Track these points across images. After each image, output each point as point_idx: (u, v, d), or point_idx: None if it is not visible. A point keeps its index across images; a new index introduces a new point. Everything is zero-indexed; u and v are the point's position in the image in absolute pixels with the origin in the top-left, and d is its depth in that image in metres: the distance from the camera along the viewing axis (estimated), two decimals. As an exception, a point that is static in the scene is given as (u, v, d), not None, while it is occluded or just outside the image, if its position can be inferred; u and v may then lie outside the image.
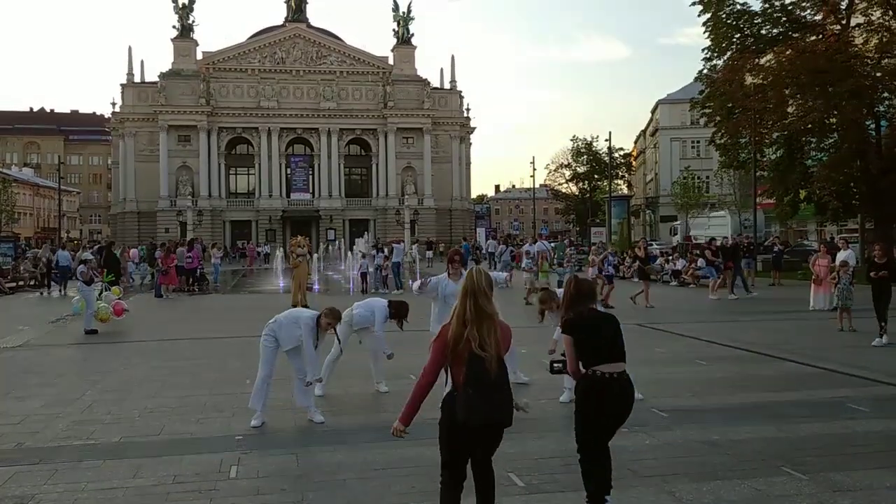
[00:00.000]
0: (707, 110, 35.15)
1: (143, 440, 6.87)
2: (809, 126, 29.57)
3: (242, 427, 7.23)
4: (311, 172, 73.02)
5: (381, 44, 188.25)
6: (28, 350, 13.12)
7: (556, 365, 4.77)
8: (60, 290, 25.45)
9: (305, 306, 19.27)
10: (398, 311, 8.43)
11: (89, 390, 9.16)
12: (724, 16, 31.85)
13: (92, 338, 14.29)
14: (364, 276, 24.89)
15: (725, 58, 32.66)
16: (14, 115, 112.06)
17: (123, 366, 11.06)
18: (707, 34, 32.89)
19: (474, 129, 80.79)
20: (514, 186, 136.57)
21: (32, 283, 29.92)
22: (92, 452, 6.49)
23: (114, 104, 71.52)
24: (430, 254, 44.69)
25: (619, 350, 4.64)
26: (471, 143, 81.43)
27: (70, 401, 8.57)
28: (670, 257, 31.34)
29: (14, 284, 28.55)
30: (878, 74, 28.69)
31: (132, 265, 30.23)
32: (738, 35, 32.41)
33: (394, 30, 74.65)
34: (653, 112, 79.47)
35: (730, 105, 32.18)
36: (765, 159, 35.31)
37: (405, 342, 9.38)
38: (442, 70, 78.26)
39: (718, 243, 25.23)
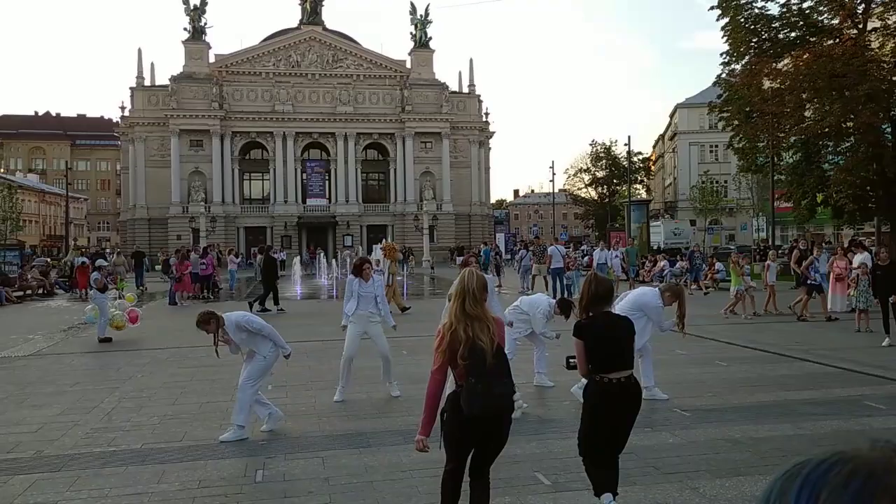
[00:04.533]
0: (725, 114, 36.16)
1: (166, 446, 7.02)
2: (826, 130, 30.24)
3: (267, 431, 7.36)
4: (327, 178, 73.42)
5: (398, 47, 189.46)
6: (41, 358, 13.36)
7: (571, 360, 4.95)
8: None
9: (405, 309, 19.40)
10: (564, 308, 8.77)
11: (107, 398, 9.34)
12: (742, 20, 32.73)
13: (107, 346, 14.52)
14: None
15: (743, 62, 33.61)
16: (18, 120, 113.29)
17: (140, 373, 11.26)
18: (725, 38, 33.72)
19: (493, 133, 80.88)
20: (532, 191, 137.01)
21: (41, 291, 30.38)
22: (114, 459, 6.65)
23: (123, 108, 72.25)
24: (460, 259, 44.75)
25: (629, 357, 4.78)
26: (490, 148, 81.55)
27: (88, 408, 8.75)
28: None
29: (21, 293, 28.97)
30: (895, 79, 29.32)
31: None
32: (756, 39, 33.34)
33: (411, 33, 75.03)
34: (671, 116, 79.87)
35: (748, 109, 33.19)
36: (782, 163, 36.46)
37: (425, 348, 9.46)
38: (460, 73, 78.55)
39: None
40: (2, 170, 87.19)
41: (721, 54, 34.58)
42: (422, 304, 22.72)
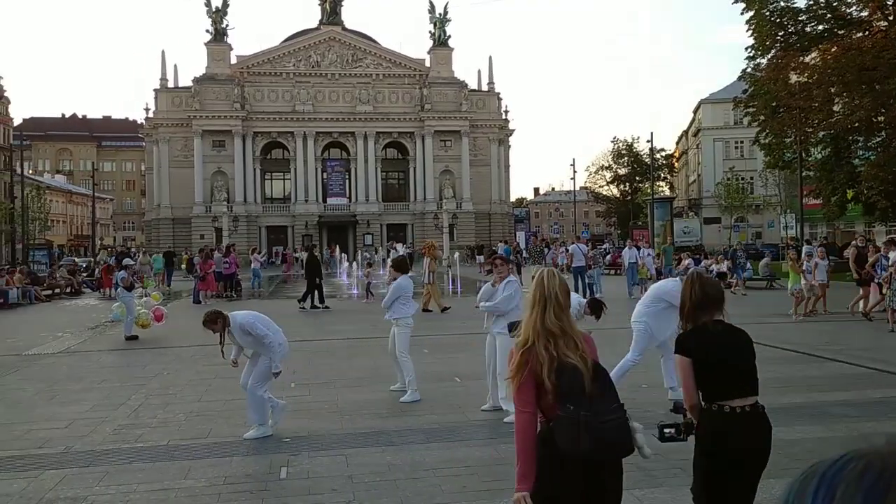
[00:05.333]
0: (751, 109, 35.50)
1: (191, 443, 7.09)
2: (856, 124, 29.67)
3: (290, 429, 7.40)
4: (347, 177, 73.67)
5: (417, 46, 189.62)
6: (70, 356, 13.54)
7: (666, 431, 3.64)
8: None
9: (445, 309, 19.42)
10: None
11: (134, 395, 9.44)
12: (767, 13, 32.14)
13: (133, 343, 14.68)
14: (369, 284, 24.84)
15: (769, 56, 32.99)
16: (46, 122, 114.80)
17: (166, 370, 11.37)
18: (750, 32, 33.12)
19: (513, 131, 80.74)
20: (553, 189, 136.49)
21: (69, 290, 30.77)
22: (141, 455, 6.73)
23: (147, 109, 72.98)
24: (481, 258, 44.68)
25: (752, 378, 3.69)
26: (509, 146, 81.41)
27: (115, 405, 8.85)
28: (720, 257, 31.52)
29: (50, 292, 29.37)
30: None
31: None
32: (782, 33, 32.71)
33: (430, 31, 75.06)
34: (695, 112, 78.95)
35: (774, 104, 32.52)
36: (810, 159, 35.62)
37: (445, 346, 9.46)
38: (479, 71, 78.41)
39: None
40: (30, 171, 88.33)
41: (746, 48, 34.15)
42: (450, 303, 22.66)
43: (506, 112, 78.77)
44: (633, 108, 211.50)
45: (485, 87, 77.05)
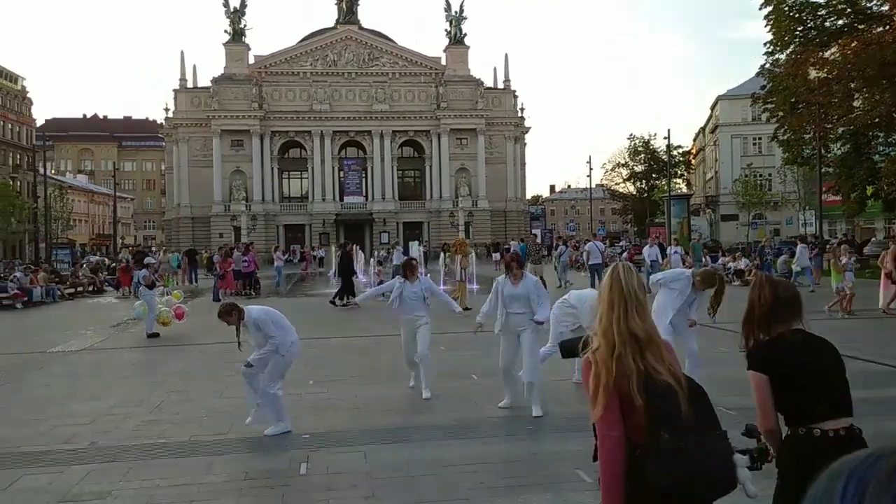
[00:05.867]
0: (769, 105, 35.24)
1: (213, 438, 7.16)
2: (877, 120, 29.38)
3: (310, 425, 7.46)
4: (364, 175, 73.89)
5: (433, 44, 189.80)
6: (92, 353, 13.71)
7: (754, 460, 2.87)
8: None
9: (466, 309, 19.37)
10: None
11: (156, 391, 9.55)
12: (786, 8, 31.88)
13: (154, 341, 14.82)
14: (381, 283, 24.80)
15: (788, 51, 32.74)
16: (68, 123, 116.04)
17: (187, 367, 11.48)
18: (769, 27, 32.83)
19: (529, 128, 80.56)
20: (569, 186, 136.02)
21: (91, 288, 31.10)
22: (163, 451, 6.81)
23: (167, 110, 73.50)
24: (496, 256, 44.67)
25: (845, 396, 3.15)
26: (525, 144, 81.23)
27: (138, 401, 8.96)
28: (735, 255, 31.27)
29: (73, 290, 29.71)
30: None
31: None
32: (801, 28, 32.43)
33: (446, 30, 75.01)
34: (712, 108, 78.24)
35: (793, 100, 32.29)
36: (830, 155, 35.35)
37: (462, 344, 9.48)
38: (495, 69, 78.27)
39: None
40: (53, 171, 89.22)
41: (765, 44, 33.92)
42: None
43: (522, 109, 78.60)
44: (649, 105, 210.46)
45: (501, 85, 76.93)
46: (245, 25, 71.39)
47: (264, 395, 7.19)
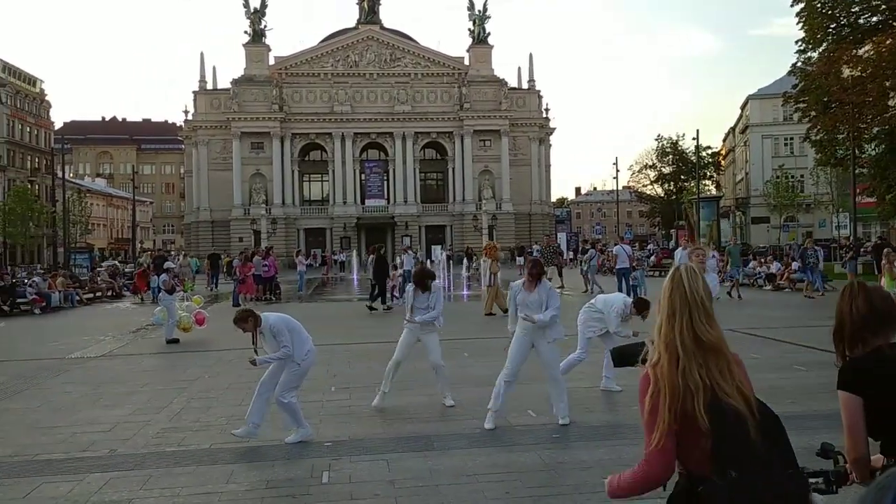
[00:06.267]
0: (801, 105, 35.02)
1: (234, 446, 7.21)
2: None
3: (332, 433, 7.49)
4: (385, 178, 74.16)
5: (455, 44, 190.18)
6: (112, 359, 13.86)
7: (812, 482, 2.53)
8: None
9: (491, 314, 19.48)
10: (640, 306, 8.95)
11: (176, 398, 9.63)
12: (818, 5, 31.69)
13: (174, 347, 14.95)
14: (394, 287, 24.79)
15: (821, 49, 32.51)
16: (86, 126, 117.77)
17: (208, 374, 11.57)
18: (801, 24, 32.56)
19: (554, 129, 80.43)
20: (595, 189, 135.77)
21: (110, 293, 31.49)
22: (184, 458, 6.86)
23: (186, 112, 74.29)
24: (521, 259, 44.68)
25: None
26: (550, 145, 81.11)
27: (158, 408, 9.04)
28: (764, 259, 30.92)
29: (91, 295, 30.11)
30: None
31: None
32: (834, 25, 32.21)
33: (469, 29, 75.11)
34: (742, 108, 77.77)
35: (826, 99, 32.04)
36: (864, 155, 35.18)
37: (487, 351, 9.46)
38: (519, 69, 78.30)
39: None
40: (71, 174, 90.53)
41: (796, 41, 33.70)
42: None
43: (546, 110, 78.54)
44: (677, 105, 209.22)
45: (525, 85, 76.89)
46: (265, 26, 72.02)
47: (279, 404, 7.19)
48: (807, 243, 28.75)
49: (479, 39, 74.50)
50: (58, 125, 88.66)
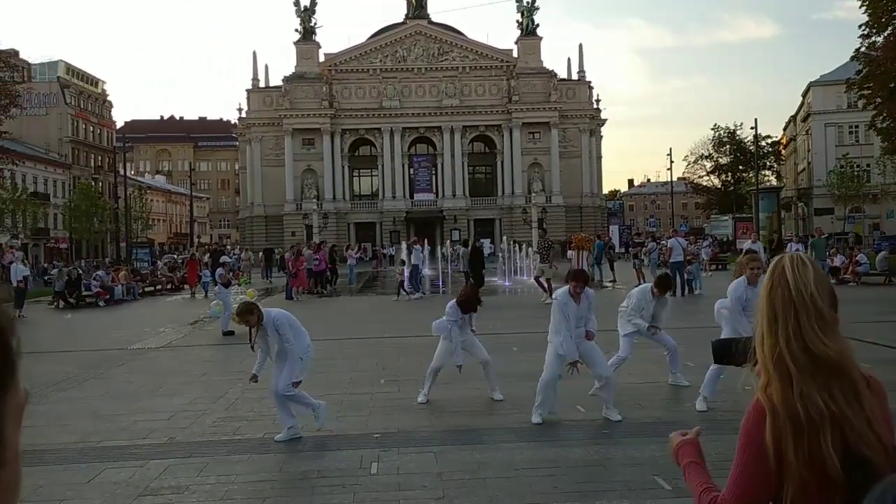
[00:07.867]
0: (865, 92, 33.87)
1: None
2: None
3: (380, 425, 7.57)
4: (434, 172, 74.28)
5: (504, 36, 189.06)
6: (171, 350, 14.25)
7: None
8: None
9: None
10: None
11: (231, 389, 9.84)
12: None
13: (230, 339, 15.24)
14: (402, 283, 24.71)
15: (886, 33, 31.19)
16: (146, 124, 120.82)
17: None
18: (864, 8, 31.46)
19: (605, 121, 79.42)
20: (648, 180, 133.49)
21: (170, 286, 32.29)
22: (239, 447, 7.03)
23: (240, 110, 75.53)
24: (570, 254, 44.20)
25: None
26: (601, 136, 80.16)
27: (214, 398, 9.27)
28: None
29: (152, 288, 30.98)
30: None
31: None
32: None
33: (517, 21, 74.58)
34: (804, 96, 75.47)
35: (892, 85, 30.74)
36: None
37: (534, 345, 9.43)
38: (569, 60, 77.52)
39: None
40: (132, 172, 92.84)
41: (860, 26, 32.57)
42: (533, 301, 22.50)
43: (597, 101, 77.56)
44: (735, 93, 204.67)
45: (575, 76, 76.08)
46: (315, 24, 72.66)
47: (277, 396, 7.20)
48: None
49: (528, 31, 73.93)
50: (119, 124, 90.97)
